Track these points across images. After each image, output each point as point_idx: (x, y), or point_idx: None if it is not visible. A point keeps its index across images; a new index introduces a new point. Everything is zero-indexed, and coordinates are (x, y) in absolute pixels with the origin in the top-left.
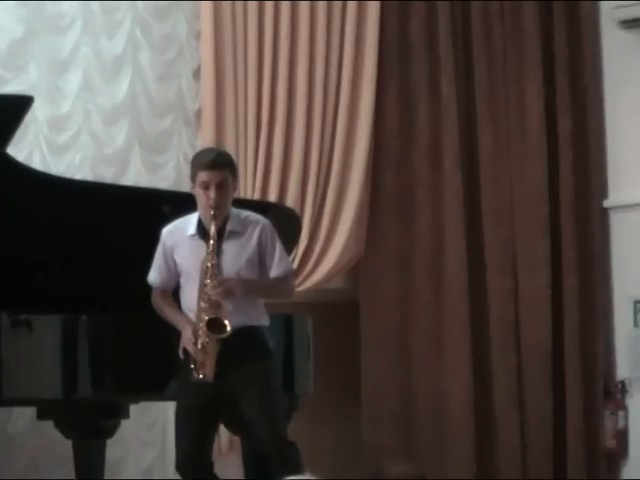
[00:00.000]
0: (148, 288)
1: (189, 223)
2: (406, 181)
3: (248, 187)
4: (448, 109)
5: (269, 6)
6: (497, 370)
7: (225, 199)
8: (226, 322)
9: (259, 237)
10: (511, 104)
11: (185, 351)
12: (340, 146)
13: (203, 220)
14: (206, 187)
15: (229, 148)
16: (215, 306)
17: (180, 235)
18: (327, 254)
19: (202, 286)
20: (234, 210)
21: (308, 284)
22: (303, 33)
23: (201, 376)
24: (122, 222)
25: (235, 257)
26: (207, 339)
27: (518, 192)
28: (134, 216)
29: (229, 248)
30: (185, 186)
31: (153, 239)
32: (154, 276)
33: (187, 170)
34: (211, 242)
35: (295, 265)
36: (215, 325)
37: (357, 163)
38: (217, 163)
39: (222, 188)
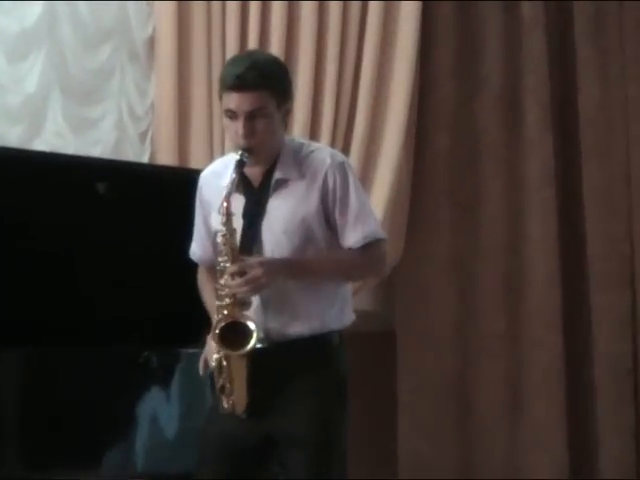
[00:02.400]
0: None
1: (227, 166)
2: (465, 149)
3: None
4: (531, 37)
5: None
6: (606, 433)
7: (265, 133)
8: (251, 325)
9: (323, 183)
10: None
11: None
12: (367, 92)
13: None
14: (232, 116)
15: (199, 97)
16: (239, 304)
17: (214, 184)
18: None
19: (218, 272)
20: (291, 143)
21: None
22: None
23: (228, 407)
24: (30, 209)
25: (283, 220)
26: (224, 356)
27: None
28: (51, 200)
29: (277, 206)
30: (130, 153)
31: (78, 235)
32: (194, 247)
33: (132, 128)
34: (223, 205)
35: None
36: (233, 334)
37: (392, 120)
38: (248, 80)
39: (258, 117)
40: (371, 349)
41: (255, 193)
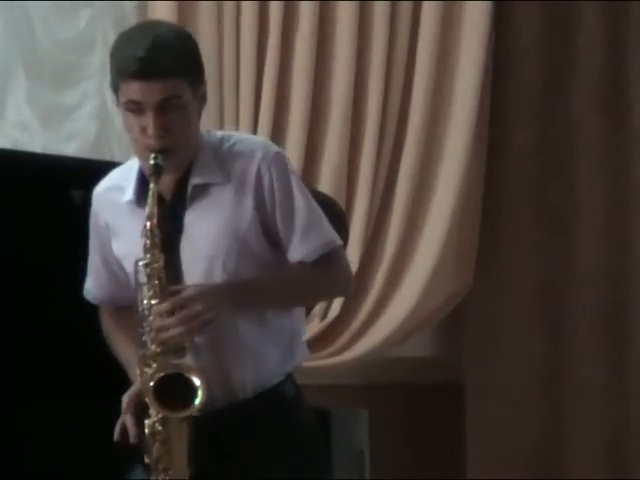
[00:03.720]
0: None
1: (128, 178)
2: (554, 147)
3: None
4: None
5: None
6: None
7: (182, 129)
8: (196, 381)
9: (256, 184)
10: None
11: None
12: (424, 76)
13: (145, 172)
14: (137, 110)
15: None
16: (172, 351)
17: (114, 203)
18: (399, 287)
19: (142, 312)
20: (209, 139)
21: (362, 348)
22: None
23: None
24: None
25: (208, 237)
26: (160, 420)
27: None
28: (12, 209)
29: (197, 220)
30: (116, 150)
31: (50, 250)
32: (89, 284)
33: (118, 118)
34: (147, 225)
35: (337, 306)
36: (170, 390)
37: (457, 112)
38: (155, 63)
39: (171, 108)
40: (433, 406)
41: (168, 208)
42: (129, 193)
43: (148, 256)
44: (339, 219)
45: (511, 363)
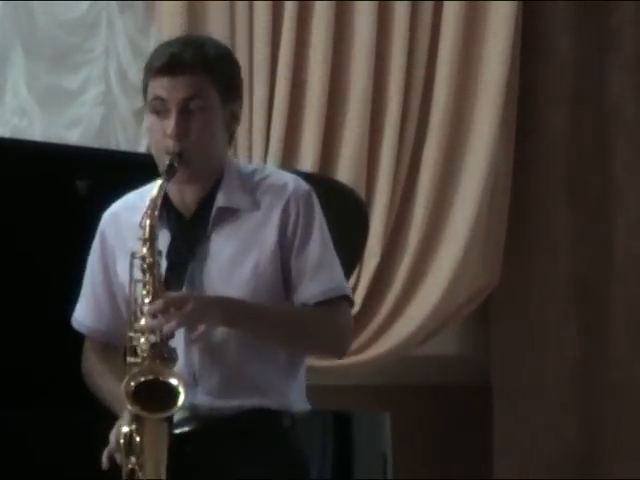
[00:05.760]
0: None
1: (146, 200)
2: (591, 131)
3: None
4: None
5: None
6: None
7: (203, 132)
8: (174, 382)
9: (283, 215)
10: None
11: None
12: (449, 52)
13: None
14: (162, 111)
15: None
16: (160, 358)
17: (128, 222)
18: (423, 283)
19: (132, 316)
20: (237, 165)
21: (383, 346)
22: None
23: None
24: None
25: (229, 265)
26: (137, 428)
27: None
28: (13, 201)
29: (219, 245)
30: (122, 137)
31: (48, 249)
32: (81, 312)
33: (124, 103)
34: (147, 221)
35: (357, 302)
36: (151, 392)
37: (484, 93)
38: (183, 59)
39: (195, 111)
40: (458, 408)
41: (186, 228)
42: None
43: (144, 250)
44: (358, 210)
45: (542, 362)
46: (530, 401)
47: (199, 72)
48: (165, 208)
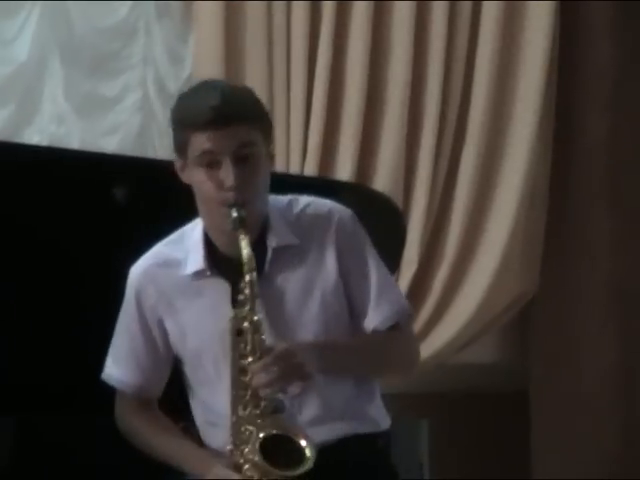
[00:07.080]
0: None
1: (183, 250)
2: (632, 136)
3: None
4: None
5: None
6: None
7: (259, 180)
8: (302, 442)
9: (337, 244)
10: None
11: None
12: (487, 57)
13: (213, 237)
14: (212, 163)
15: (254, 65)
16: (271, 409)
17: (170, 278)
18: (461, 289)
19: (237, 374)
20: (273, 202)
21: (422, 353)
22: None
23: None
24: (13, 229)
25: (294, 302)
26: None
27: None
28: (47, 216)
29: (280, 285)
30: (159, 145)
31: (90, 259)
32: (120, 372)
33: (162, 111)
34: (247, 278)
35: None
36: (277, 449)
37: (522, 98)
38: (230, 110)
39: (249, 159)
40: (497, 416)
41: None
42: (194, 264)
43: (246, 309)
44: (395, 217)
45: (582, 370)
46: (569, 409)
47: (244, 121)
48: (212, 257)
